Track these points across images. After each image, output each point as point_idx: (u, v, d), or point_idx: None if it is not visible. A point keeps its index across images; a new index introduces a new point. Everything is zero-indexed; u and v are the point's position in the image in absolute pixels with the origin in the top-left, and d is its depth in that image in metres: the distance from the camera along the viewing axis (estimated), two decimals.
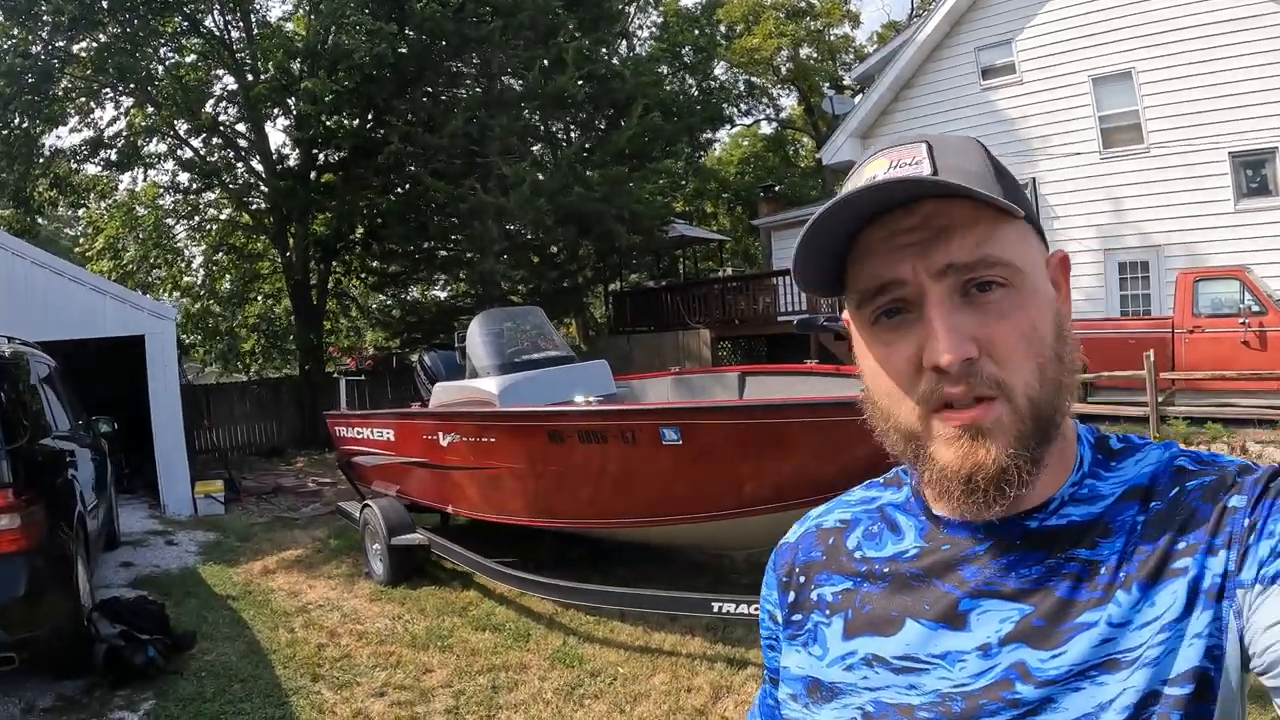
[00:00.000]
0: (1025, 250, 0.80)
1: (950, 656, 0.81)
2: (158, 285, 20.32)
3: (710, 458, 4.95)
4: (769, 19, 33.13)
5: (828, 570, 0.94)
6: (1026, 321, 0.78)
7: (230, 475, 12.87)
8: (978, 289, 0.78)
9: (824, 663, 0.90)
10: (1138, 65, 14.18)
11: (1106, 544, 0.79)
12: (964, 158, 0.81)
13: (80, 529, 5.78)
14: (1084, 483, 0.83)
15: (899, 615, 0.85)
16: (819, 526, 1.00)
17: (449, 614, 6.54)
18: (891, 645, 0.84)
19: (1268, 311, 10.57)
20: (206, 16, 17.92)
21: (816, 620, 0.92)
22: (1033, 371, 0.77)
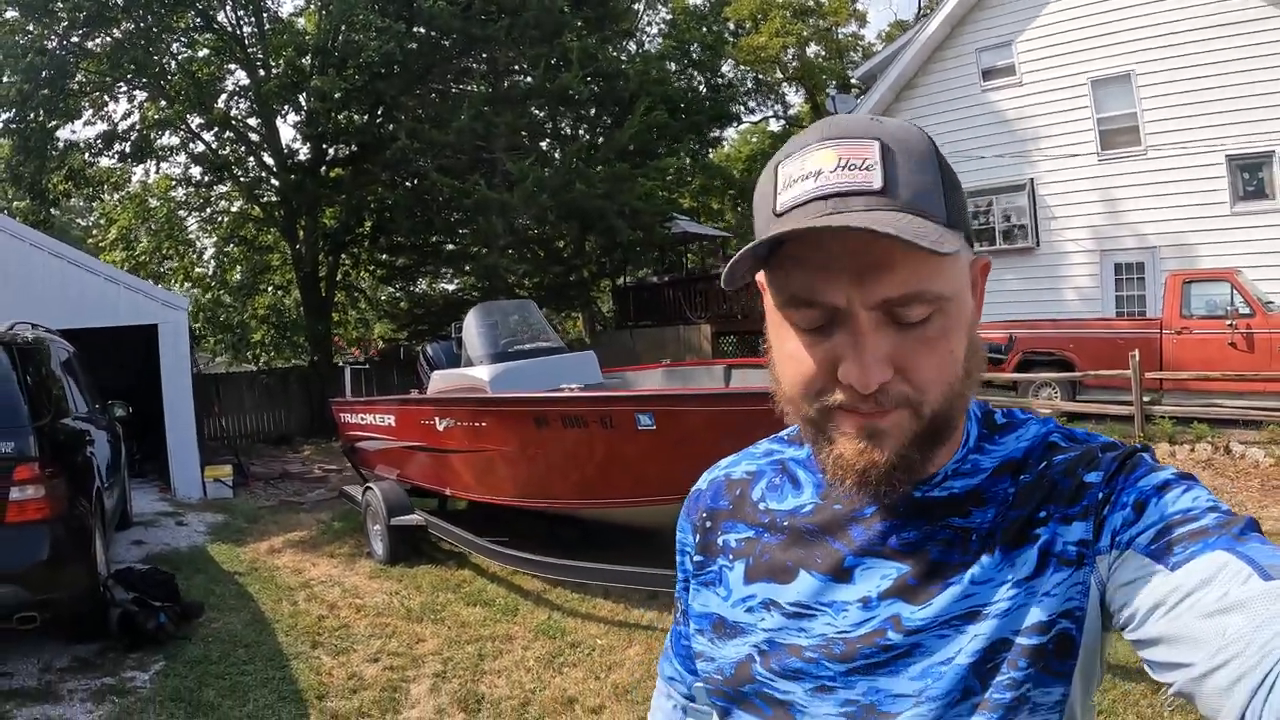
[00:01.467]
0: (955, 274, 0.81)
1: (835, 606, 0.88)
2: (169, 276, 20.70)
3: (682, 442, 5.26)
4: (777, 17, 33.27)
5: (733, 519, 1.01)
6: (945, 348, 0.80)
7: (239, 461, 13.23)
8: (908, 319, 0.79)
9: (728, 603, 0.97)
10: (1136, 68, 14.30)
11: (979, 513, 0.86)
12: (919, 170, 0.79)
13: (98, 504, 6.15)
14: (968, 458, 0.89)
15: (794, 566, 0.92)
16: (728, 477, 1.07)
17: (443, 590, 6.89)
18: (787, 592, 0.92)
19: (1255, 314, 10.70)
20: (219, 12, 18.30)
21: (721, 564, 0.99)
22: (941, 390, 0.81)
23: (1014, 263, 15.75)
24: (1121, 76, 14.52)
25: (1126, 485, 0.81)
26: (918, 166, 0.79)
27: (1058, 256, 15.35)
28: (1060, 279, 15.43)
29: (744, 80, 36.00)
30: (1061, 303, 14.98)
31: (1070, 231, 15.24)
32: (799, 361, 0.83)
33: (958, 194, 0.82)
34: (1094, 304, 14.73)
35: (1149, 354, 10.78)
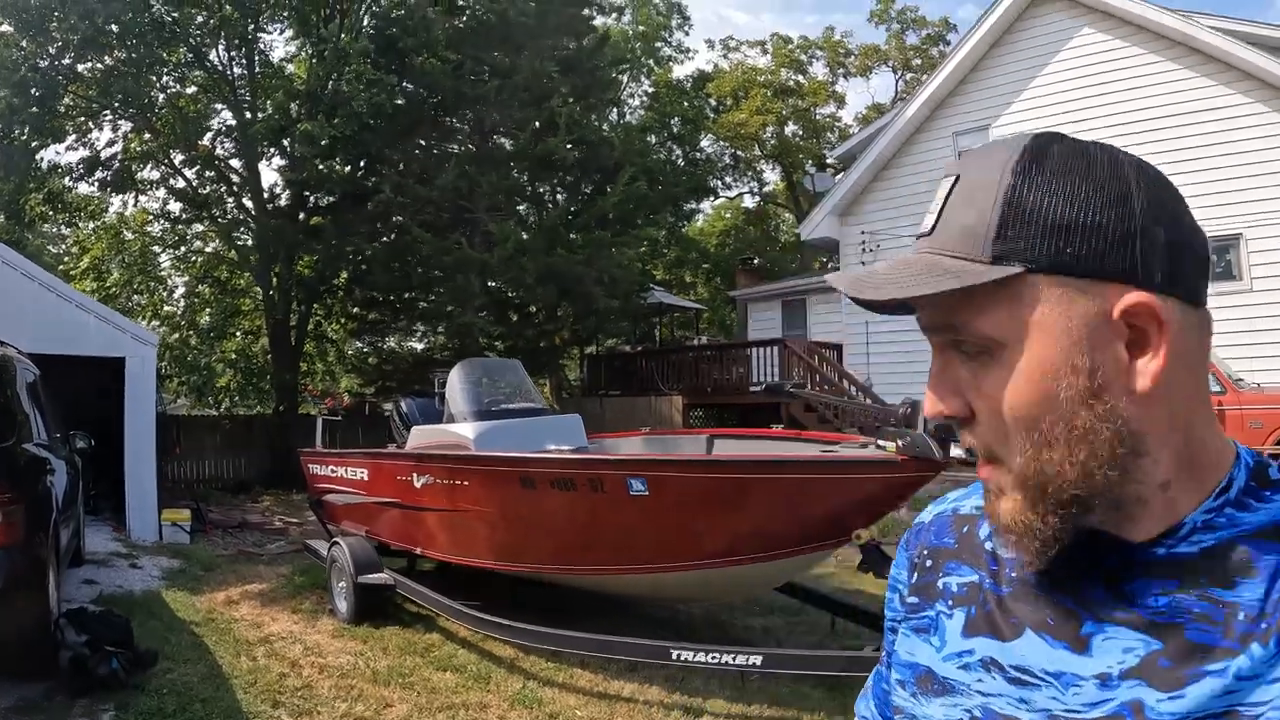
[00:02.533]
0: (1016, 315, 0.73)
1: (1065, 679, 0.76)
2: (138, 311, 20.37)
3: (675, 510, 5.16)
4: (757, 95, 34.02)
5: (957, 559, 0.91)
6: (994, 394, 0.74)
7: (197, 506, 12.89)
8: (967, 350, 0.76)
9: (940, 655, 0.87)
10: None
11: (1248, 586, 0.71)
12: (968, 206, 0.76)
13: (54, 537, 5.89)
14: (1224, 510, 0.74)
15: (1019, 623, 0.81)
16: (955, 511, 0.96)
17: (411, 653, 6.65)
18: (1009, 653, 0.80)
19: (1226, 392, 11.02)
20: (211, 50, 18.32)
21: (939, 610, 0.89)
22: (1017, 451, 0.74)
23: None
24: None
25: None
26: (967, 200, 0.76)
27: None
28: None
29: (722, 156, 36.61)
30: None
31: None
32: None
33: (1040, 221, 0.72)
34: None
35: None
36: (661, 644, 5.18)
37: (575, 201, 20.91)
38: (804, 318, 20.66)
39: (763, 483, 4.88)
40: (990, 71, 16.71)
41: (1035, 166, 0.74)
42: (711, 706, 5.36)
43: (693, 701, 5.48)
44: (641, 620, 7.43)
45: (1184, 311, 0.73)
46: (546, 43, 18.80)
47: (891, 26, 35.82)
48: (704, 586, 5.54)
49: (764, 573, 5.37)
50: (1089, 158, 0.73)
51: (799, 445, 6.65)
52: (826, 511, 4.82)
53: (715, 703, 5.43)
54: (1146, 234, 0.71)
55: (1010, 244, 0.72)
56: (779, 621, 7.44)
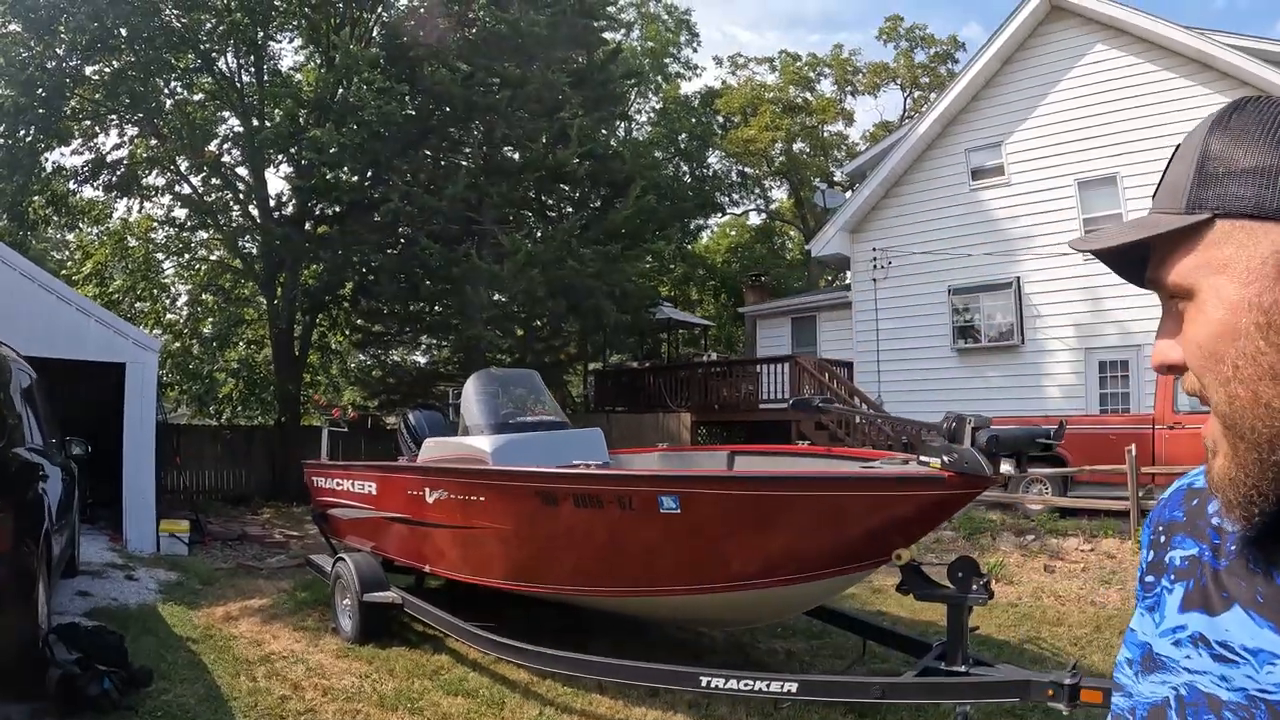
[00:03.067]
0: (1205, 261, 0.75)
1: (1262, 656, 0.73)
2: (141, 318, 20.16)
3: (708, 529, 4.88)
4: (766, 112, 33.91)
5: (1184, 533, 0.89)
6: (1195, 338, 0.76)
7: (196, 517, 12.61)
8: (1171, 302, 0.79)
9: (1158, 631, 0.86)
10: (1122, 170, 14.71)
11: None
12: (1177, 164, 0.79)
13: (45, 547, 5.61)
14: None
15: (1229, 598, 0.78)
16: (1190, 485, 0.93)
17: (419, 676, 6.36)
18: (1216, 627, 0.78)
19: None
20: (220, 58, 18.15)
21: (1164, 586, 0.88)
22: (1217, 388, 0.74)
23: (999, 360, 16.03)
24: (1107, 178, 14.94)
25: None
26: (1177, 160, 0.79)
27: (1042, 354, 15.59)
28: (1045, 375, 15.71)
29: (729, 172, 36.47)
30: (1046, 399, 15.18)
31: (1055, 329, 15.49)
32: None
33: (1230, 171, 0.74)
34: (1078, 401, 14.89)
35: (1142, 449, 10.76)
36: (690, 670, 4.88)
37: (584, 215, 20.71)
38: (814, 335, 20.42)
39: (805, 500, 4.60)
40: (1003, 88, 16.53)
41: (1228, 120, 0.76)
42: None
43: None
44: (660, 642, 7.15)
45: None
46: (557, 55, 18.60)
47: (900, 44, 35.75)
48: (736, 609, 5.25)
49: (799, 595, 5.09)
50: (1277, 107, 0.74)
51: (830, 462, 6.37)
52: (867, 531, 4.54)
53: None
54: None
55: (1202, 192, 0.75)
56: (802, 645, 7.15)
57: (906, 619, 7.64)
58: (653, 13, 35.85)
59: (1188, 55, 14.23)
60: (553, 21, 17.85)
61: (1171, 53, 14.44)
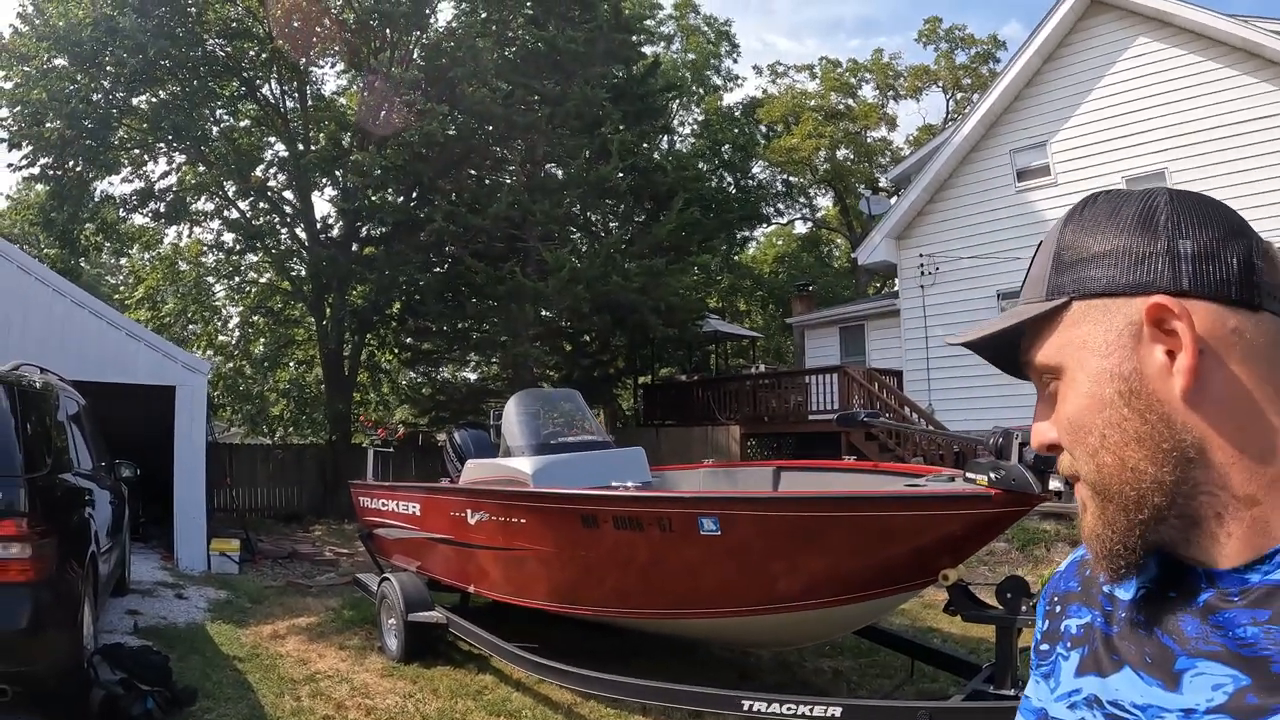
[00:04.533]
0: (1067, 340, 0.81)
1: (1151, 710, 0.76)
2: (193, 341, 20.53)
3: (748, 550, 4.79)
4: (808, 120, 33.73)
5: (1078, 602, 0.92)
6: (1065, 414, 0.81)
7: (247, 536, 12.75)
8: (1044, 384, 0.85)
9: (1054, 696, 0.89)
10: (1170, 165, 14.36)
11: None
12: (1039, 259, 0.87)
13: (91, 570, 5.69)
14: None
15: (1119, 660, 0.81)
16: (1084, 557, 0.94)
17: (463, 696, 6.33)
18: (1107, 688, 0.81)
19: None
20: (264, 85, 18.45)
21: (1059, 653, 0.91)
22: (1086, 460, 0.79)
23: None
24: (1156, 173, 14.58)
25: None
26: (1040, 255, 0.86)
27: None
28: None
29: (773, 182, 36.30)
30: None
31: None
32: None
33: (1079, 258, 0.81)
34: None
35: None
36: (731, 693, 4.79)
37: (629, 229, 20.71)
38: (863, 344, 20.18)
39: (845, 521, 4.50)
40: (1045, 87, 16.22)
41: (1080, 212, 0.85)
42: None
43: None
44: (706, 661, 7.06)
45: (1226, 314, 0.75)
46: (596, 70, 18.66)
47: (940, 46, 35.38)
48: (780, 631, 5.15)
49: (843, 616, 4.98)
50: (1123, 197, 0.83)
51: (875, 478, 6.24)
52: (913, 550, 4.43)
53: None
54: (1171, 249, 0.77)
55: (1059, 280, 0.82)
56: (850, 663, 7.02)
57: (958, 635, 7.48)
58: (693, 25, 35.89)
59: (1233, 44, 13.87)
60: (590, 38, 17.93)
61: (1216, 43, 14.07)
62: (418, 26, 18.69)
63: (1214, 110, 13.88)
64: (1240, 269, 0.75)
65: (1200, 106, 14.06)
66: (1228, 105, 13.75)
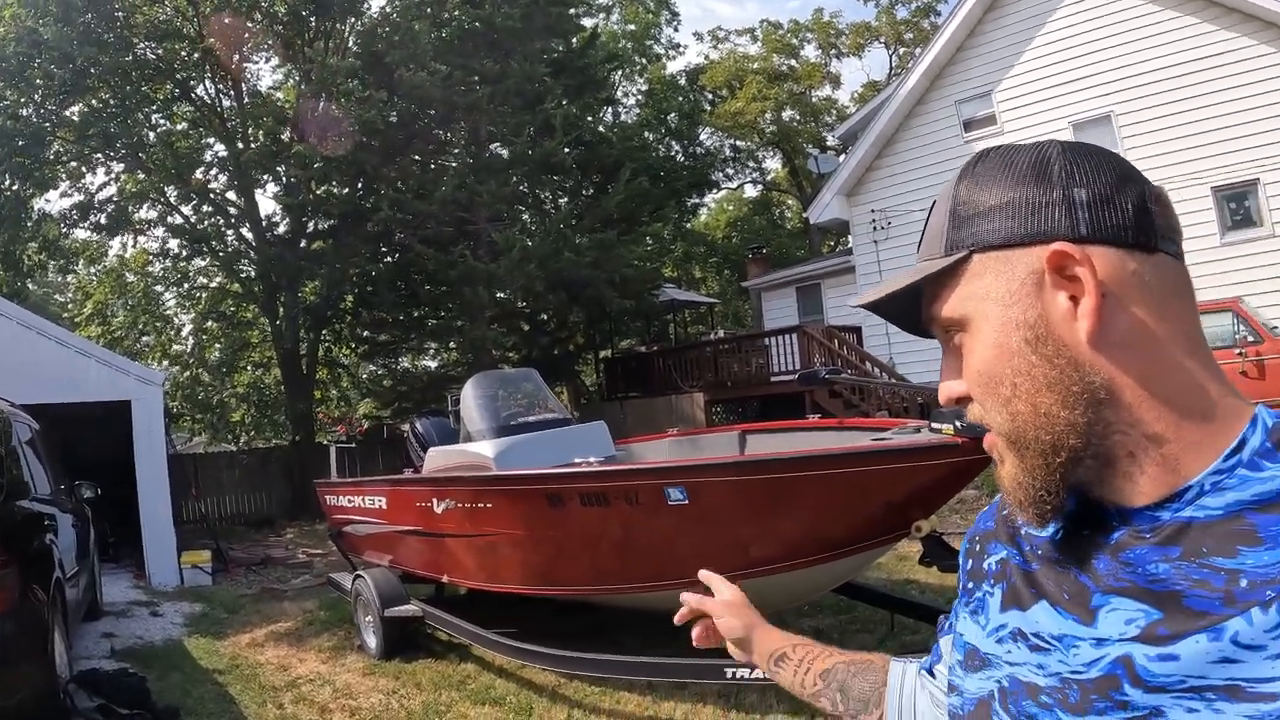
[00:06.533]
0: (970, 292, 0.82)
1: (1067, 640, 0.78)
2: (147, 353, 20.17)
3: (718, 517, 4.77)
4: (752, 83, 33.65)
5: (996, 539, 0.94)
6: (973, 366, 0.82)
7: (218, 546, 12.59)
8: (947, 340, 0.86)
9: (984, 632, 0.90)
10: (1116, 109, 14.49)
11: (1251, 553, 0.69)
12: (935, 217, 0.87)
13: (58, 596, 5.55)
14: (1235, 471, 0.73)
15: (1037, 594, 0.84)
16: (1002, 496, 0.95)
17: (446, 688, 6.29)
18: (1029, 621, 0.84)
19: (1264, 340, 10.68)
20: (198, 85, 18.06)
21: (985, 589, 0.93)
22: (997, 409, 0.80)
23: None
24: (1102, 118, 14.69)
25: None
26: (935, 213, 0.87)
27: None
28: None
29: (721, 147, 36.22)
30: None
31: None
32: None
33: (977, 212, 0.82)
34: None
35: None
36: (715, 662, 4.78)
37: (577, 204, 20.57)
38: (820, 302, 20.24)
39: (813, 480, 4.48)
40: (987, 37, 16.24)
41: (974, 168, 0.85)
42: None
43: (750, 718, 5.10)
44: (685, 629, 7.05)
45: (1124, 257, 0.77)
46: (535, 45, 18.46)
47: (881, 2, 35.34)
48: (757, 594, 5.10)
49: (819, 576, 4.97)
50: (1016, 150, 0.83)
51: (841, 435, 6.24)
52: (885, 505, 4.42)
53: (776, 718, 5.04)
54: (1067, 197, 0.78)
55: (958, 235, 0.82)
56: (831, 621, 7.05)
57: (935, 586, 7.53)
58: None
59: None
60: (526, 13, 17.72)
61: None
62: (352, 13, 18.35)
63: (1159, 53, 13.96)
64: (1135, 213, 0.78)
65: (1145, 49, 14.14)
66: (1173, 47, 13.83)
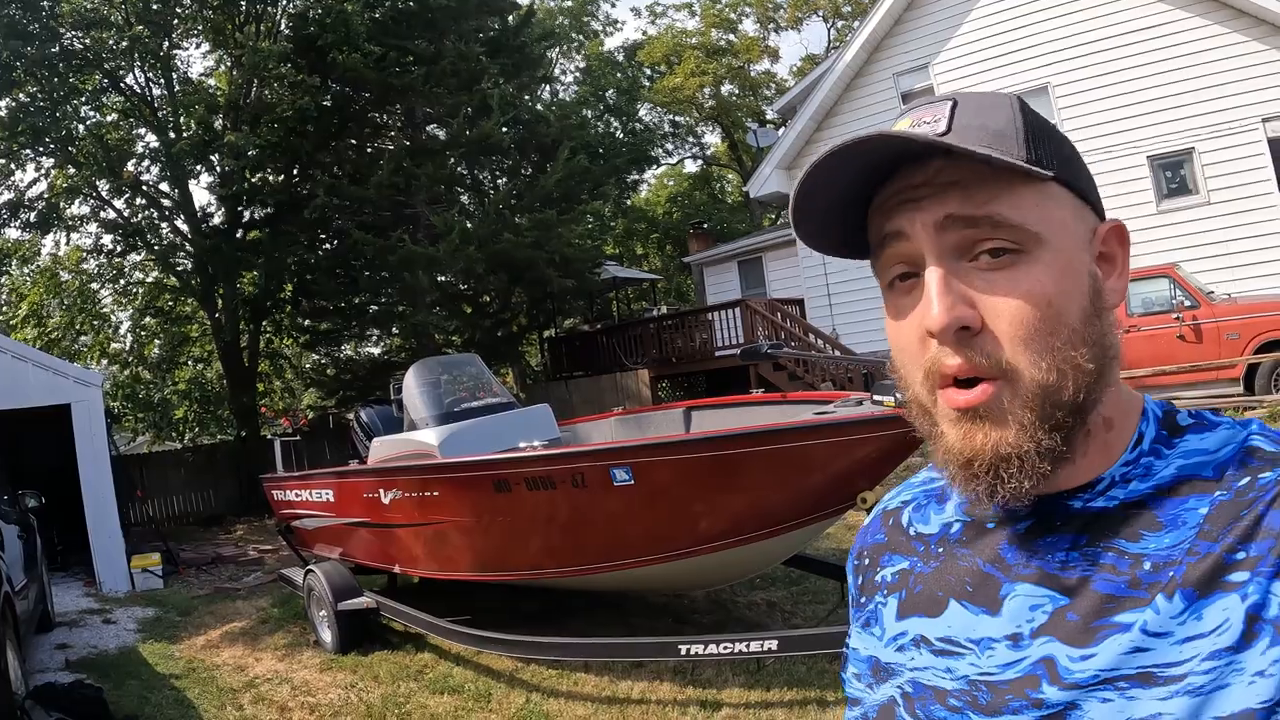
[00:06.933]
0: (1049, 214, 0.73)
1: (984, 643, 0.77)
2: (85, 353, 19.69)
3: (664, 495, 4.83)
4: (690, 58, 33.62)
5: (889, 551, 0.93)
6: (1040, 295, 0.71)
7: (167, 547, 12.40)
8: (989, 255, 0.73)
9: (882, 643, 0.89)
10: (1053, 80, 14.71)
11: (1153, 537, 0.71)
12: (987, 115, 0.75)
13: (8, 611, 5.46)
14: (1140, 461, 0.75)
15: (944, 596, 0.82)
16: (884, 508, 0.98)
17: (404, 679, 6.30)
18: (936, 626, 0.82)
19: (1200, 305, 10.98)
20: (127, 74, 17.55)
21: (878, 602, 0.91)
22: (1043, 354, 0.71)
23: None
24: (1039, 89, 14.89)
25: None
26: (991, 116, 0.75)
27: None
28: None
29: (660, 123, 36.20)
30: None
31: None
32: (896, 329, 0.79)
33: (1050, 142, 0.76)
34: None
35: None
36: (668, 640, 4.86)
37: (516, 184, 20.44)
38: (762, 276, 20.37)
39: (758, 456, 4.55)
40: (925, 9, 16.35)
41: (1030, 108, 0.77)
42: (728, 697, 5.06)
43: (707, 694, 5.18)
44: (640, 608, 7.14)
45: None
46: (470, 24, 18.25)
47: None
48: (708, 572, 5.21)
49: (768, 550, 5.06)
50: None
51: (784, 409, 6.33)
52: (830, 478, 4.51)
53: (731, 692, 5.13)
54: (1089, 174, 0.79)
55: (1038, 151, 0.73)
56: (783, 593, 7.17)
57: None
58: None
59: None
60: None
61: None
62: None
63: (1096, 24, 14.16)
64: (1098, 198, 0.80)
65: (1081, 21, 14.33)
66: (1110, 19, 14.04)
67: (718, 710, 4.93)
